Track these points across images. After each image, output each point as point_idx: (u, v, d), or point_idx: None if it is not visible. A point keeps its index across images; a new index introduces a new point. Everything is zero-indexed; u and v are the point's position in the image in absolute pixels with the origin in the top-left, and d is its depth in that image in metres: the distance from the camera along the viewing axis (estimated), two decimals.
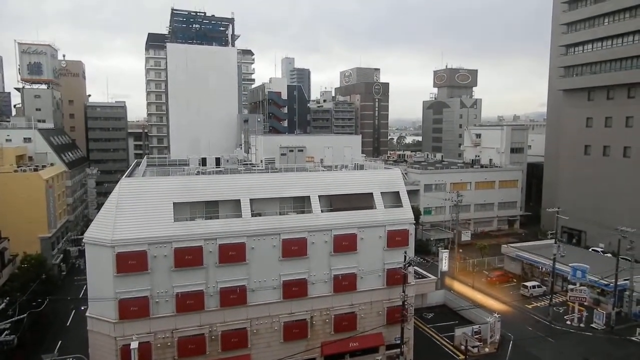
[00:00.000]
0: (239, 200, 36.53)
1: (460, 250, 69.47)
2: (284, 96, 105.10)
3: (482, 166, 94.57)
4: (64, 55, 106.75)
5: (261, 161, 50.61)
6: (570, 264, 51.92)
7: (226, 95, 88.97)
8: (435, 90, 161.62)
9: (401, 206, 40.81)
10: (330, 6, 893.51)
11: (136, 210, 33.77)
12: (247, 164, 53.31)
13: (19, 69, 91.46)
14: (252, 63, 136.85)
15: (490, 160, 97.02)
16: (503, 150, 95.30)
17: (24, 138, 71.94)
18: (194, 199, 35.80)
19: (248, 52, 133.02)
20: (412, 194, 73.07)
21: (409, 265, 37.36)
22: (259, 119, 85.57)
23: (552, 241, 53.86)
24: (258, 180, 38.60)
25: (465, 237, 72.89)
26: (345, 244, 38.14)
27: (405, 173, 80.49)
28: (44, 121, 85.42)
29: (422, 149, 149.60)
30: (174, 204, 34.85)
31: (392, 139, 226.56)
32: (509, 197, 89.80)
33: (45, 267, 52.91)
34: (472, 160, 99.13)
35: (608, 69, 70.57)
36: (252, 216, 36.30)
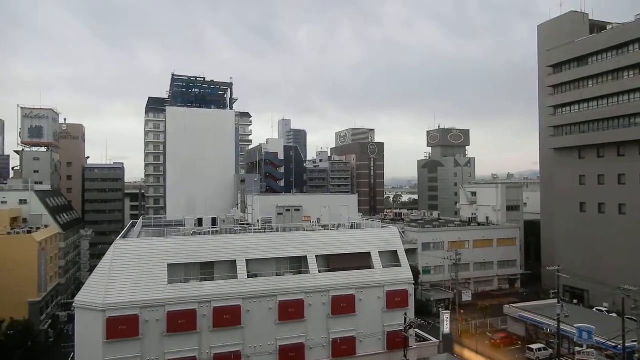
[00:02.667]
0: (235, 260, 35.98)
1: (462, 311, 67.60)
2: (281, 156, 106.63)
3: (479, 224, 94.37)
4: (65, 119, 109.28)
5: (258, 221, 50.38)
6: (575, 325, 50.35)
7: (223, 156, 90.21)
8: (429, 149, 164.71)
9: (400, 265, 40.24)
10: (323, 70, 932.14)
11: (130, 273, 33.10)
12: (243, 224, 52.99)
13: (20, 133, 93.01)
14: (250, 125, 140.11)
15: (487, 218, 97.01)
16: (499, 208, 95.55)
17: (20, 200, 71.80)
18: (189, 260, 35.25)
19: (246, 115, 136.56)
20: (410, 252, 72.22)
21: (409, 328, 36.21)
22: (255, 179, 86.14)
23: (555, 301, 52.62)
24: (254, 240, 38.24)
25: (466, 297, 71.21)
26: (343, 305, 37.17)
27: (403, 231, 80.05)
28: (41, 183, 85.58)
29: (419, 207, 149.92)
30: (169, 265, 34.26)
31: (389, 197, 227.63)
32: (508, 256, 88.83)
33: (32, 334, 50.91)
34: (469, 218, 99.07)
35: (596, 128, 72.57)
36: (248, 277, 35.60)
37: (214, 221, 49.27)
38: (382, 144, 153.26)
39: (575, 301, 73.26)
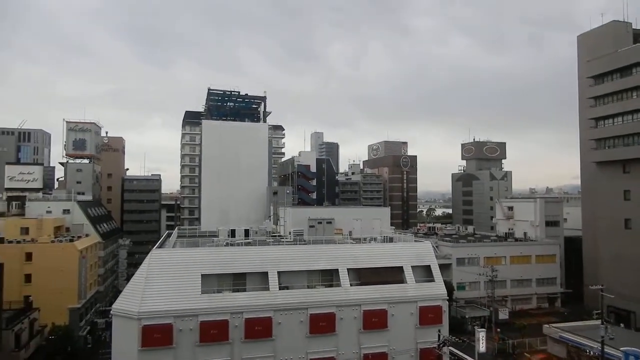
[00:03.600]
0: (267, 272, 36.17)
1: (498, 330, 65.31)
2: (313, 169, 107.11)
3: (516, 239, 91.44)
4: (106, 132, 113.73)
5: (289, 233, 50.59)
6: (621, 348, 47.75)
7: (256, 168, 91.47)
8: (464, 162, 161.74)
9: (433, 281, 39.43)
10: (355, 84, 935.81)
11: (165, 282, 33.79)
12: (275, 236, 53.34)
13: (65, 145, 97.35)
14: (283, 137, 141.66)
15: (525, 233, 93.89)
16: (537, 224, 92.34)
17: (63, 210, 74.86)
18: (222, 271, 35.68)
19: (279, 128, 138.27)
20: (444, 268, 70.62)
21: (443, 345, 35.28)
22: (288, 191, 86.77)
23: (599, 322, 50.13)
24: (286, 252, 38.36)
25: (503, 315, 68.84)
26: (375, 320, 36.64)
27: (436, 246, 78.54)
28: (83, 193, 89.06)
29: (453, 222, 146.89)
30: (202, 275, 34.78)
31: (422, 211, 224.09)
32: (548, 273, 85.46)
33: (71, 340, 52.56)
34: (506, 233, 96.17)
35: None
36: (279, 289, 35.67)
37: (246, 232, 49.82)
38: (415, 156, 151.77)
39: (621, 324, 69.64)
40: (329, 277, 37.91)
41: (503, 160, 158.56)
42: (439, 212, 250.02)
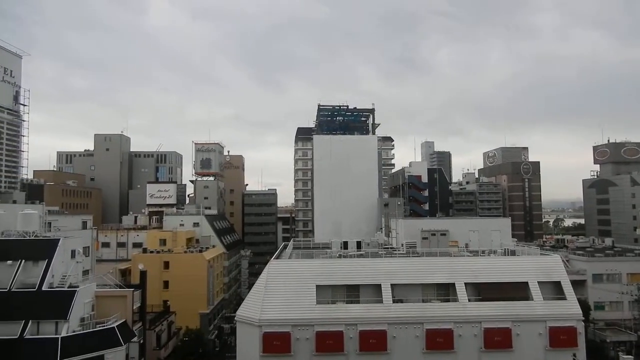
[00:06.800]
0: (380, 285, 35.87)
1: None
2: (424, 179, 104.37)
3: None
4: (228, 151, 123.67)
5: (402, 245, 49.68)
6: None
7: (367, 180, 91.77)
8: (597, 167, 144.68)
9: (564, 298, 35.66)
10: (467, 89, 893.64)
11: (282, 291, 35.32)
12: (387, 248, 52.77)
13: (194, 164, 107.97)
14: (392, 149, 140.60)
15: None
16: None
17: (194, 223, 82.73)
18: (336, 282, 36.23)
19: (388, 139, 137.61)
20: (577, 285, 63.33)
21: None
22: (399, 203, 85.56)
23: None
24: (399, 265, 37.74)
25: None
26: (497, 339, 34.14)
27: (567, 260, 70.95)
28: (209, 208, 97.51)
29: (586, 233, 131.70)
30: (317, 286, 35.64)
31: (548, 221, 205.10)
32: None
33: (202, 342, 57.28)
34: None
35: None
36: (393, 302, 35.11)
37: (358, 244, 50.09)
38: (538, 162, 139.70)
39: None
40: (445, 291, 36.34)
41: None
42: (568, 222, 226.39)
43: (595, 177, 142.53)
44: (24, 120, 76.80)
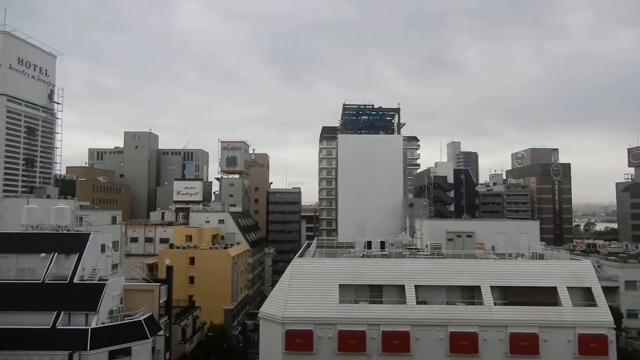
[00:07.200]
0: (404, 285, 35.60)
1: None
2: (450, 180, 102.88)
3: None
4: (253, 150, 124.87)
5: (426, 246, 49.13)
6: None
7: (391, 180, 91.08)
8: (632, 170, 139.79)
9: (595, 305, 34.62)
10: (496, 90, 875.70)
11: (305, 289, 35.45)
12: (412, 249, 52.30)
13: (220, 162, 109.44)
14: (417, 149, 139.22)
15: None
16: None
17: (219, 220, 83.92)
18: (359, 282, 36.14)
19: (413, 139, 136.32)
20: (609, 291, 61.36)
21: None
22: (424, 203, 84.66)
23: None
24: (423, 266, 37.38)
25: None
26: (524, 344, 33.41)
27: (598, 266, 68.85)
28: (234, 205, 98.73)
29: (619, 238, 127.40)
30: (340, 285, 35.64)
31: (578, 225, 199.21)
32: None
33: (226, 338, 58.07)
34: None
35: None
36: (416, 303, 34.79)
37: (382, 244, 49.75)
38: (569, 164, 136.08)
39: None
40: (470, 293, 35.80)
41: None
42: (600, 226, 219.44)
43: (630, 180, 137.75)
44: (57, 118, 79.38)
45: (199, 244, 72.17)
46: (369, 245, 50.50)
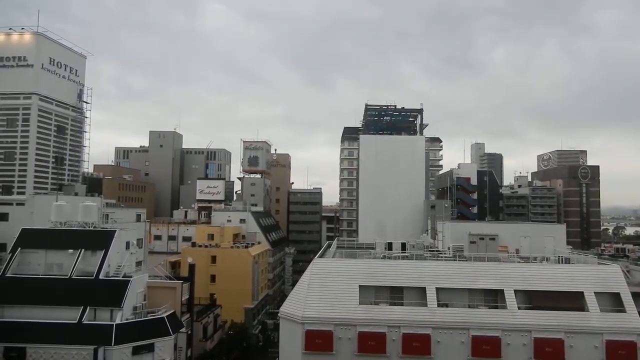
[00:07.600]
0: (424, 288, 35.24)
1: None
2: (473, 182, 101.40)
3: None
4: (275, 150, 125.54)
5: (448, 248, 48.51)
6: None
7: (413, 181, 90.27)
8: None
9: (624, 311, 33.62)
10: (522, 90, 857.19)
11: (325, 290, 35.43)
12: (433, 251, 51.75)
13: (242, 162, 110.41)
14: (440, 150, 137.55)
15: None
16: None
17: (240, 219, 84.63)
18: (379, 283, 35.94)
19: (436, 140, 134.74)
20: (638, 297, 59.51)
21: None
22: (446, 205, 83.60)
23: None
24: (445, 269, 36.91)
25: None
26: (549, 350, 32.66)
27: (627, 271, 66.71)
28: (255, 205, 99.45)
29: None
30: (360, 286, 35.49)
31: (607, 229, 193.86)
32: None
33: (247, 336, 58.54)
34: None
35: None
36: (438, 306, 34.39)
37: (403, 246, 49.39)
38: (597, 167, 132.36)
39: None
40: (493, 297, 35.18)
41: None
42: (629, 230, 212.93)
43: None
44: (86, 117, 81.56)
45: (220, 242, 72.95)
46: (389, 246, 50.18)
